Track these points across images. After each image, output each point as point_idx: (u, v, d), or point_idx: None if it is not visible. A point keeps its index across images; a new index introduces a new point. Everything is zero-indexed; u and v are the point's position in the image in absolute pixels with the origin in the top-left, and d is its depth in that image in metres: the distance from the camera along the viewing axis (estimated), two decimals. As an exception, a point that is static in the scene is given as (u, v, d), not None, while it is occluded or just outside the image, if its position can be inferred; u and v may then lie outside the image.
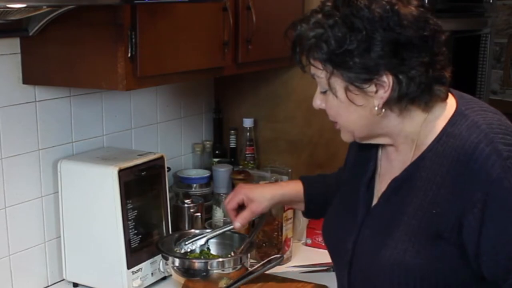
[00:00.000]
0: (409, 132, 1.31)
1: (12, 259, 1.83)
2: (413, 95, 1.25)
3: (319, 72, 1.27)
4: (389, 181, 1.34)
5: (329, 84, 1.27)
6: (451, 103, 1.31)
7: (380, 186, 1.38)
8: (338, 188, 1.57)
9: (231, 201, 1.72)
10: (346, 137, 1.36)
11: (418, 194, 1.27)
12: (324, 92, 1.31)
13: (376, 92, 1.24)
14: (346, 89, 1.25)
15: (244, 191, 1.70)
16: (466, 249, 1.22)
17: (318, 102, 1.34)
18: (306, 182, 1.72)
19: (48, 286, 1.95)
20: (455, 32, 2.71)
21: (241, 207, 1.73)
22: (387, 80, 1.23)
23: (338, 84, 1.26)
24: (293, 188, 1.71)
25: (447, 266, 1.23)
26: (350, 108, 1.27)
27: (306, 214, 1.79)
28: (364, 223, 1.36)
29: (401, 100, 1.25)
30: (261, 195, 1.69)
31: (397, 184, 1.32)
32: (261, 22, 2.08)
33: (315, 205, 1.72)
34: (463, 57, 3.10)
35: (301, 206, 1.74)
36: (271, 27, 2.20)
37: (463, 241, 1.22)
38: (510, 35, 4.07)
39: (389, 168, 1.38)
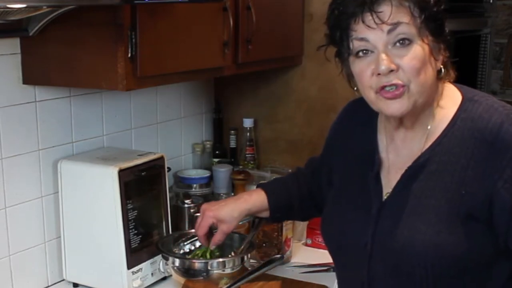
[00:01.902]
0: (428, 114, 1.34)
1: (12, 259, 1.83)
2: (447, 68, 1.33)
3: (408, 19, 1.25)
4: (399, 171, 1.36)
5: (419, 30, 1.25)
6: (455, 93, 1.36)
7: (389, 178, 1.39)
8: (326, 186, 1.58)
9: (202, 227, 1.71)
10: (405, 106, 1.28)
11: (442, 177, 1.30)
12: (404, 44, 1.25)
13: (438, 52, 1.31)
14: (430, 40, 1.27)
15: (212, 214, 1.69)
16: (496, 225, 1.26)
17: (386, 60, 1.24)
18: (268, 191, 1.72)
19: (48, 286, 1.95)
20: (455, 32, 2.71)
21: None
22: (442, 44, 1.31)
23: (425, 33, 1.27)
24: (257, 200, 1.71)
25: (475, 245, 1.27)
26: (429, 62, 1.28)
27: (270, 221, 1.79)
28: (381, 215, 1.36)
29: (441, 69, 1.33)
30: (230, 214, 1.69)
31: (413, 172, 1.33)
32: (261, 22, 2.09)
33: (280, 212, 1.73)
34: (463, 57, 3.09)
35: (266, 214, 1.73)
36: (271, 27, 2.20)
37: (494, 218, 1.26)
38: (510, 35, 4.07)
39: (397, 160, 1.39)
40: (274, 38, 2.23)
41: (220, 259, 1.79)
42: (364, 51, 1.27)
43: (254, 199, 1.71)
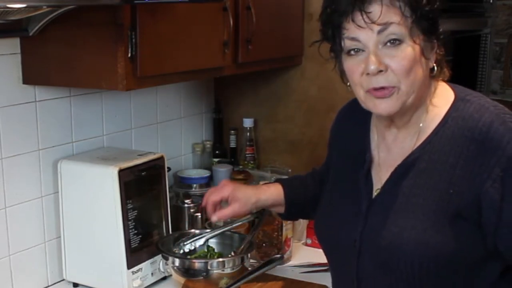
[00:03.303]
0: (420, 113, 1.34)
1: (12, 259, 1.83)
2: (441, 66, 1.32)
3: (399, 19, 1.24)
4: (389, 169, 1.36)
5: (410, 30, 1.25)
6: (448, 91, 1.36)
7: (380, 176, 1.39)
8: (325, 186, 1.58)
9: (215, 194, 1.69)
10: (393, 106, 1.28)
11: (431, 175, 1.30)
12: (394, 43, 1.25)
13: (431, 51, 1.31)
14: (422, 39, 1.27)
15: (231, 189, 1.68)
16: (484, 225, 1.26)
17: (375, 61, 1.25)
18: (286, 186, 1.72)
19: (48, 286, 1.95)
20: (455, 32, 2.71)
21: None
22: (436, 42, 1.31)
23: (416, 33, 1.26)
24: (274, 192, 1.71)
25: (464, 244, 1.27)
26: (419, 62, 1.28)
27: (284, 216, 1.78)
28: (370, 212, 1.37)
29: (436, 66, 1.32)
30: (247, 197, 1.67)
31: (403, 170, 1.34)
32: (261, 22, 2.08)
33: (296, 208, 1.72)
34: (463, 57, 3.10)
35: (281, 209, 1.73)
36: (271, 27, 2.20)
37: (482, 218, 1.25)
38: (510, 35, 4.06)
39: (388, 157, 1.39)
40: (274, 38, 2.23)
41: (220, 259, 1.79)
42: (356, 50, 1.29)
43: (272, 191, 1.71)
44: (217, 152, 2.57)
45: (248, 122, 2.51)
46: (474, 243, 1.27)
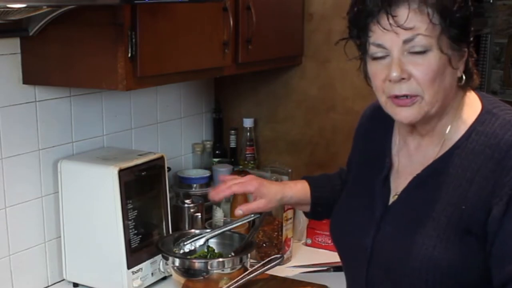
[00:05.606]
0: (445, 122, 1.31)
1: (12, 259, 1.83)
2: (470, 75, 1.29)
3: (425, 27, 1.21)
4: (408, 177, 1.35)
5: (438, 40, 1.22)
6: (475, 101, 1.33)
7: (398, 182, 1.38)
8: (345, 186, 1.57)
9: (239, 186, 1.61)
10: (415, 115, 1.26)
11: (447, 190, 1.28)
12: (421, 53, 1.22)
13: (460, 60, 1.27)
14: (450, 48, 1.23)
15: (257, 184, 1.60)
16: (487, 235, 1.24)
17: (398, 69, 1.22)
18: (312, 184, 1.68)
19: (48, 286, 1.95)
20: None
21: None
22: (467, 49, 1.28)
23: (445, 41, 1.23)
24: (301, 190, 1.66)
25: (473, 261, 1.25)
26: (446, 72, 1.24)
27: (310, 215, 1.74)
28: (384, 220, 1.35)
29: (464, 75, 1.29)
30: (273, 194, 1.61)
31: (420, 180, 1.32)
32: (261, 22, 2.08)
33: (322, 207, 1.68)
34: (463, 57, 3.09)
35: (306, 208, 1.69)
36: (271, 27, 2.20)
37: (486, 228, 1.23)
38: (510, 35, 4.06)
39: (409, 164, 1.37)
40: (274, 38, 2.23)
41: (220, 259, 1.79)
42: (380, 55, 1.26)
43: (299, 188, 1.66)
44: (217, 152, 2.57)
45: (248, 122, 2.51)
46: (481, 260, 1.25)
